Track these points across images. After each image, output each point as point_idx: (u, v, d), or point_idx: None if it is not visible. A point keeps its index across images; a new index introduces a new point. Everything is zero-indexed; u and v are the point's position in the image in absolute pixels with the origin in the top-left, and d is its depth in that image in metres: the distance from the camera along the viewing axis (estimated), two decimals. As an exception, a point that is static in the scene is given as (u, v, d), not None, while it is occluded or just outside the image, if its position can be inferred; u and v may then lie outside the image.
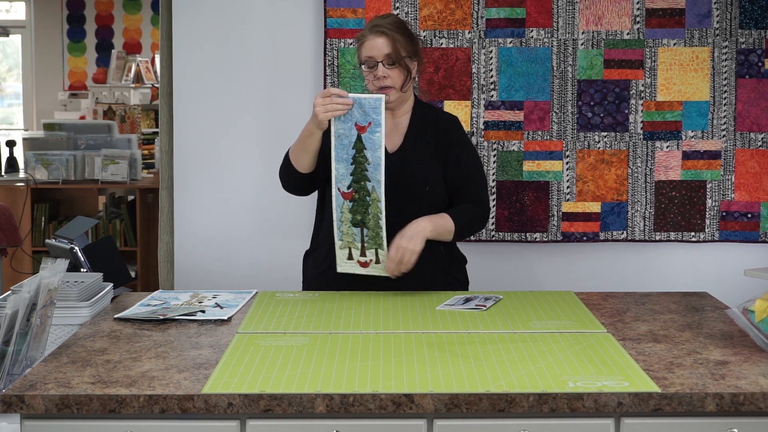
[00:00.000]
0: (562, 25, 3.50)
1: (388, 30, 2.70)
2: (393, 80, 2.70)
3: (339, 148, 2.60)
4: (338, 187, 2.62)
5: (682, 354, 2.10)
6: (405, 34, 2.72)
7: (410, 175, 2.73)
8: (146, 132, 7.32)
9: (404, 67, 2.71)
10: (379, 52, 2.68)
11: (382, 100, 2.58)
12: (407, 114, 2.82)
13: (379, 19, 2.76)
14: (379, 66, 2.68)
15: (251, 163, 3.61)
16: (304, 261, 2.96)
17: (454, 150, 2.79)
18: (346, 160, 2.60)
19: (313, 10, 3.56)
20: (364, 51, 2.71)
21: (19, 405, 1.82)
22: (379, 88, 2.70)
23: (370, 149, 2.59)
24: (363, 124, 2.59)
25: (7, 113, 11.31)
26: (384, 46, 2.68)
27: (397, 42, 2.69)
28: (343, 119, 2.58)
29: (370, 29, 2.72)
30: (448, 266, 2.82)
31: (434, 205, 2.75)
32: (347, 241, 2.66)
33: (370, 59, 2.70)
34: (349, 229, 2.65)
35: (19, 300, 1.94)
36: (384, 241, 2.63)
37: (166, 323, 2.36)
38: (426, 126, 2.80)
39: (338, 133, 2.59)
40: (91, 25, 10.14)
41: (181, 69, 3.60)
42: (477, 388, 1.85)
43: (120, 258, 2.89)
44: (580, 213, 3.56)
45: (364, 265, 2.67)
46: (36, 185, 5.63)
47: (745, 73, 3.51)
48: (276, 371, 1.95)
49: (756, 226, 3.56)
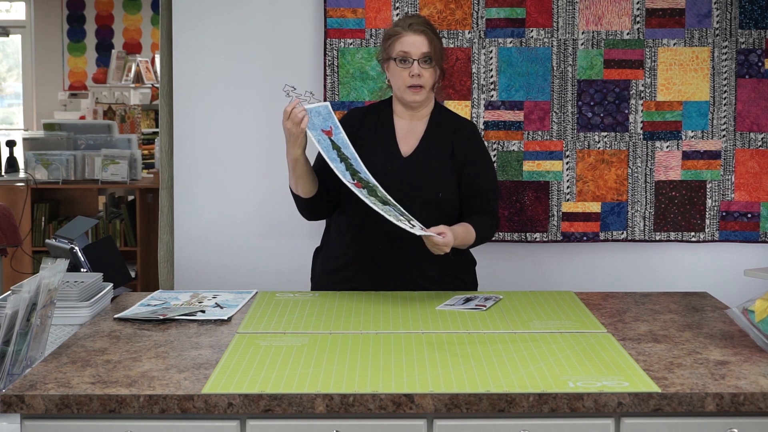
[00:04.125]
0: (562, 25, 3.50)
1: (426, 29, 2.70)
2: (425, 80, 2.69)
3: (326, 151, 2.62)
4: (348, 182, 2.60)
5: (682, 354, 2.10)
6: (438, 37, 2.73)
7: (424, 179, 2.72)
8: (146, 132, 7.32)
9: (439, 68, 2.71)
10: (417, 50, 2.67)
11: (328, 106, 2.65)
12: (426, 117, 2.80)
13: (412, 17, 2.76)
14: (415, 64, 2.67)
15: (251, 163, 3.61)
16: (314, 258, 2.96)
17: (470, 157, 2.77)
18: (337, 159, 2.62)
19: (313, 10, 3.55)
20: (400, 46, 2.68)
21: (19, 405, 1.82)
22: (408, 86, 2.69)
23: (343, 148, 2.64)
24: (327, 128, 2.64)
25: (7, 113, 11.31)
26: (422, 44, 2.68)
27: (433, 43, 2.69)
28: (312, 128, 2.61)
29: (407, 26, 2.70)
30: (458, 268, 2.82)
31: (445, 211, 2.73)
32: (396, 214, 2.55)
33: (405, 55, 2.68)
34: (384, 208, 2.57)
35: (19, 300, 1.94)
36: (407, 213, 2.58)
37: (166, 323, 2.36)
38: (443, 131, 2.79)
39: (317, 139, 2.62)
40: (91, 25, 10.14)
41: (181, 69, 3.60)
42: (477, 388, 1.85)
43: (120, 258, 2.89)
44: (580, 213, 3.56)
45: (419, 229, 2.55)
46: (36, 185, 5.63)
47: (745, 73, 3.51)
48: (276, 371, 1.95)
49: (756, 226, 3.56)
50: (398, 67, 2.70)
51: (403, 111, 2.79)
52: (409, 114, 2.79)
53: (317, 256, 2.94)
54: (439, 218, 2.66)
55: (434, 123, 2.79)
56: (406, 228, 2.50)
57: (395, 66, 2.70)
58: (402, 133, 2.79)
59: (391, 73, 2.74)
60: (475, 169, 2.77)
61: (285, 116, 2.58)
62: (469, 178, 2.76)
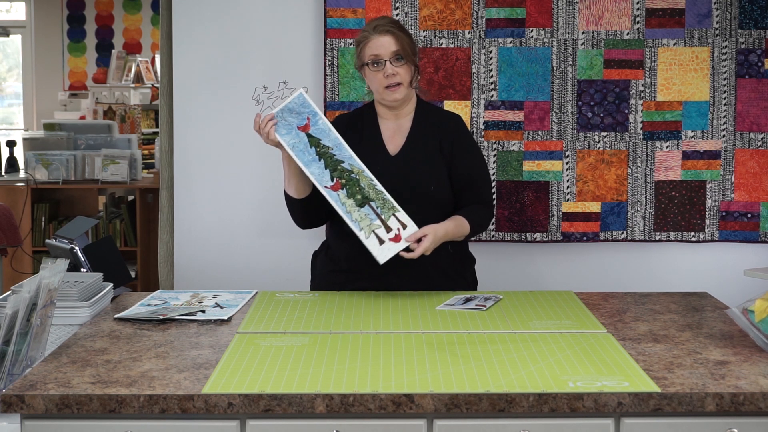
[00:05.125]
0: (562, 25, 3.50)
1: (392, 29, 2.72)
2: (402, 77, 2.71)
3: (301, 155, 2.62)
4: (324, 186, 2.62)
5: (682, 354, 2.10)
6: (407, 33, 2.75)
7: (414, 176, 2.73)
8: (146, 132, 7.32)
9: (412, 63, 2.72)
10: (386, 50, 2.69)
11: (301, 92, 2.64)
12: (410, 115, 2.82)
13: (377, 20, 2.78)
14: (387, 64, 2.69)
15: (251, 162, 3.61)
16: (312, 261, 2.97)
17: (459, 149, 2.79)
18: (313, 160, 2.62)
19: (313, 10, 3.56)
20: (369, 50, 2.71)
21: (19, 405, 1.82)
22: (386, 87, 2.71)
23: (325, 136, 2.64)
24: (302, 123, 2.64)
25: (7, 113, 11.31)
26: (390, 44, 2.69)
27: (402, 40, 2.71)
28: (286, 131, 2.62)
29: (373, 29, 2.72)
30: (458, 266, 2.82)
31: (439, 205, 2.74)
32: (366, 225, 2.61)
33: (376, 57, 2.70)
34: (359, 214, 2.62)
35: (19, 300, 1.94)
36: (394, 203, 2.62)
37: (166, 323, 2.36)
38: (429, 126, 2.80)
39: (291, 144, 2.62)
40: (91, 25, 10.14)
41: (181, 69, 3.60)
42: (477, 388, 1.85)
43: (120, 258, 2.89)
44: (580, 213, 3.56)
45: (396, 239, 2.61)
46: (36, 185, 5.63)
47: (744, 73, 3.51)
48: (276, 371, 1.95)
49: (756, 226, 3.56)
50: (372, 70, 2.72)
51: (387, 112, 2.81)
52: (393, 114, 2.80)
53: (316, 258, 2.95)
54: (433, 212, 2.70)
55: (419, 120, 2.81)
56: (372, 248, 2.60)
57: (369, 70, 2.73)
58: (388, 133, 2.80)
59: (368, 78, 2.76)
60: (464, 161, 2.79)
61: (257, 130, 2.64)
62: (459, 170, 2.77)
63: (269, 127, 2.61)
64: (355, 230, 2.62)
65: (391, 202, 2.62)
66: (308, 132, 2.63)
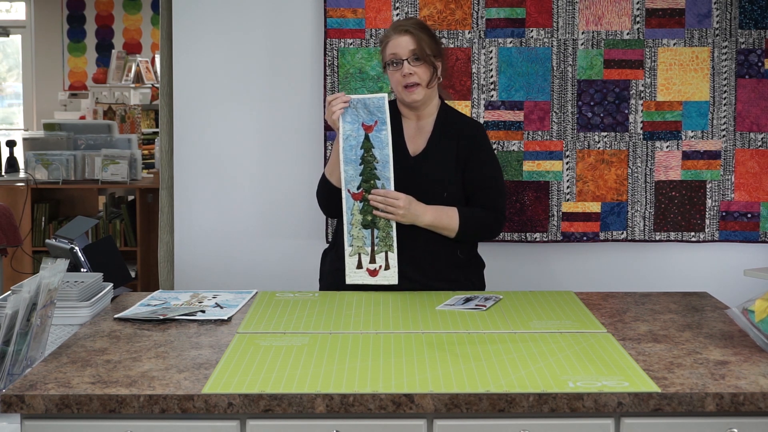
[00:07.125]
0: (562, 25, 3.50)
1: (411, 28, 2.74)
2: (419, 77, 2.72)
3: (347, 149, 2.63)
4: (348, 189, 2.65)
5: (682, 354, 2.10)
6: (428, 34, 2.77)
7: (430, 179, 2.75)
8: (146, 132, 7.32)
9: (430, 64, 2.73)
10: (404, 50, 2.71)
11: (384, 98, 2.64)
12: (432, 117, 2.83)
13: (401, 20, 2.83)
14: (405, 63, 2.71)
15: (251, 163, 3.61)
16: (322, 258, 2.99)
17: (475, 156, 2.80)
18: (355, 161, 2.64)
19: (313, 10, 3.55)
20: (389, 50, 2.74)
21: (19, 405, 1.82)
22: (405, 86, 2.72)
23: (378, 147, 2.64)
24: (369, 123, 2.64)
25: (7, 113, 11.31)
26: (408, 43, 2.72)
27: (421, 40, 2.73)
28: (351, 120, 2.62)
29: (393, 29, 2.76)
30: (466, 270, 2.83)
31: None
32: (357, 246, 2.67)
33: (394, 56, 2.72)
34: (359, 232, 2.66)
35: (19, 300, 1.94)
36: (394, 243, 2.65)
37: (166, 323, 2.36)
38: (450, 131, 2.82)
39: (346, 134, 2.63)
40: (91, 25, 10.14)
41: (181, 69, 3.60)
42: (477, 388, 1.85)
43: (120, 258, 2.89)
44: (580, 213, 3.56)
45: (373, 273, 2.68)
46: (36, 185, 5.63)
47: (745, 73, 3.51)
48: (276, 371, 1.95)
49: (756, 226, 3.56)
50: (391, 70, 2.75)
51: (408, 112, 2.84)
52: (414, 114, 2.82)
53: (326, 256, 2.96)
54: None
55: (441, 122, 2.82)
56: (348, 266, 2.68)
57: (390, 70, 2.76)
58: (410, 133, 2.82)
59: (389, 77, 2.80)
60: (477, 168, 2.79)
61: (328, 100, 2.67)
62: (472, 176, 2.78)
63: (339, 106, 2.63)
64: (346, 242, 2.68)
65: (392, 239, 2.66)
66: (368, 134, 2.64)
